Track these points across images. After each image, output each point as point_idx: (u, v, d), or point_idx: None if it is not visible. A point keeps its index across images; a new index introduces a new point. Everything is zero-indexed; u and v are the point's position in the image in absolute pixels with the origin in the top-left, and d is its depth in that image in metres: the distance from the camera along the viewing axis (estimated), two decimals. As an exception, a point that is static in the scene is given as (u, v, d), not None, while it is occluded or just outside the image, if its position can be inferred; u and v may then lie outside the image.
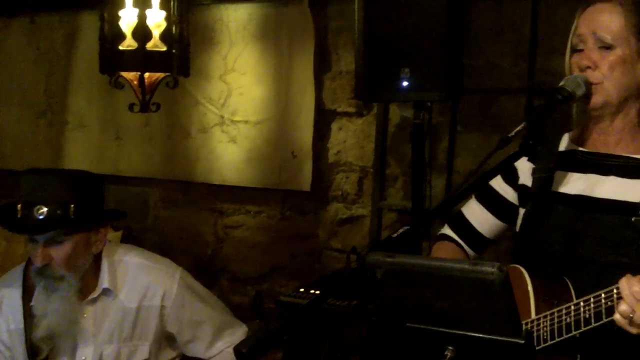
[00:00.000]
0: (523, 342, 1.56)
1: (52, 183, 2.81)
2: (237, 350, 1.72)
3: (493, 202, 2.41)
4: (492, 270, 1.50)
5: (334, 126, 4.73)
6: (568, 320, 1.89)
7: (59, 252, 2.79)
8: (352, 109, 4.67)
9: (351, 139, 4.71)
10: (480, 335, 1.58)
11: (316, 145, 4.75)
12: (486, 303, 1.54)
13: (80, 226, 2.82)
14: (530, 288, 1.82)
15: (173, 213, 5.28)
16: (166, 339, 3.03)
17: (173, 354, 3.07)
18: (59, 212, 2.76)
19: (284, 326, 1.75)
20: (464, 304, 1.58)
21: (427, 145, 4.02)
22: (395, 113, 4.48)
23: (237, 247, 5.09)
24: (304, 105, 4.73)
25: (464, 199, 2.13)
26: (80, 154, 5.39)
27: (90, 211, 2.85)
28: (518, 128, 1.96)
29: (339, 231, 4.77)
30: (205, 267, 5.10)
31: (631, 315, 1.83)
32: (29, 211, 2.75)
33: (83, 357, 2.91)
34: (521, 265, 2.17)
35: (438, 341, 1.62)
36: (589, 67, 2.11)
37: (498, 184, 2.37)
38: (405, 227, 1.87)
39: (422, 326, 1.64)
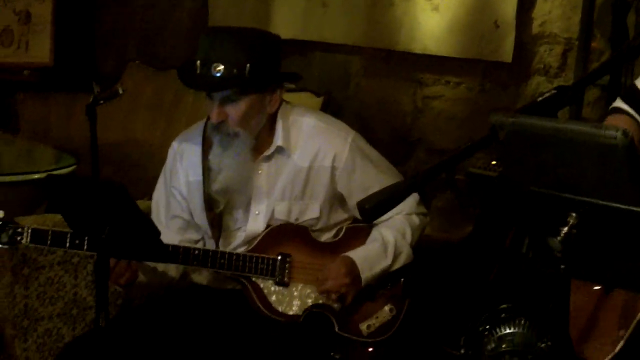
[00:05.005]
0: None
1: (229, 42, 2.85)
2: (361, 206, 1.73)
3: None
4: (616, 134, 1.40)
5: (540, -5, 4.51)
6: None
7: (234, 110, 2.85)
8: (559, -23, 4.42)
9: (557, 9, 4.46)
10: (604, 202, 1.49)
11: (520, 15, 4.53)
12: (610, 169, 1.45)
13: (255, 86, 2.87)
14: None
15: (373, 82, 5.26)
16: (338, 200, 3.06)
17: (345, 215, 3.10)
18: (235, 71, 2.80)
19: (408, 186, 1.73)
20: (587, 170, 1.49)
21: (633, 18, 3.77)
22: (606, -18, 4.21)
23: (436, 119, 5.03)
24: (508, -26, 4.53)
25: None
26: (286, 20, 5.43)
27: (265, 72, 2.88)
28: None
29: (540, 106, 4.59)
30: (402, 138, 5.08)
31: None
32: (207, 69, 2.81)
33: (257, 212, 3.00)
34: None
35: (561, 207, 1.55)
36: None
37: None
38: (552, 91, 1.76)
39: (544, 191, 1.57)
